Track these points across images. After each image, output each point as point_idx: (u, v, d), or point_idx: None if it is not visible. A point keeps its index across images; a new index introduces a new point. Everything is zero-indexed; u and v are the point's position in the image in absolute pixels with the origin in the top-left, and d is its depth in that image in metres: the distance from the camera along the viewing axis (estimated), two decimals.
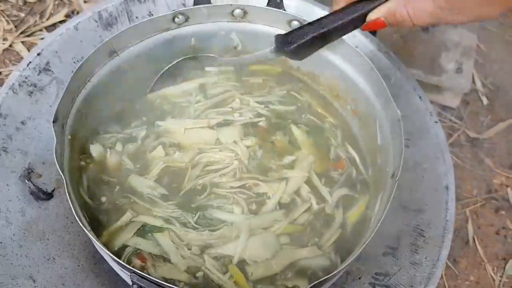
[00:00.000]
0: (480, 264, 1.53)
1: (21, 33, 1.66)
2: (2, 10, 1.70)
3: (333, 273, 0.79)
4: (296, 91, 1.13)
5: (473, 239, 1.56)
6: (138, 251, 0.91)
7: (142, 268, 0.89)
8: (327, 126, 1.09)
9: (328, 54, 1.04)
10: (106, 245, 0.90)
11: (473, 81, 1.77)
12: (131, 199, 0.96)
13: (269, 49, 0.99)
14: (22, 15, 1.70)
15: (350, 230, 0.97)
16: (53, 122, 0.85)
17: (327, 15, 0.93)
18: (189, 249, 0.91)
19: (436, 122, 1.08)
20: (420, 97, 1.11)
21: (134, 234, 0.92)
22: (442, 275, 1.50)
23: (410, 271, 0.97)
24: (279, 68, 1.14)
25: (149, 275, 0.80)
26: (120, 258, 0.84)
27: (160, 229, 0.93)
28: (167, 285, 0.77)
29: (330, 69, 1.06)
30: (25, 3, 1.72)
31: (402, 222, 1.03)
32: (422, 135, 1.09)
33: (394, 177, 0.88)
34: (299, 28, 0.96)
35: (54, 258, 0.96)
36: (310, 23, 0.94)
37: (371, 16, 0.88)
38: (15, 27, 1.67)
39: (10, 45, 1.64)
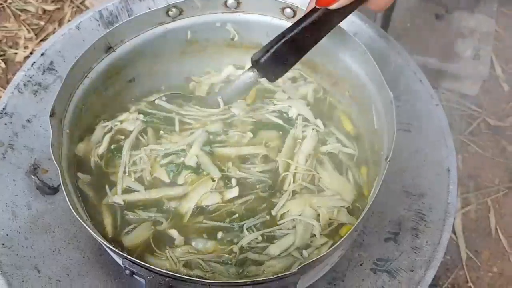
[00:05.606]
0: (503, 255, 1.48)
1: (41, 40, 1.73)
2: (23, 20, 1.77)
3: (322, 255, 0.78)
4: None
5: (496, 229, 1.51)
6: None
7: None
8: None
9: (326, 42, 1.04)
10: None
11: (493, 68, 1.72)
12: None
13: (246, 72, 0.95)
14: (42, 23, 1.77)
15: None
16: (50, 116, 0.88)
17: (299, 19, 0.88)
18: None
19: (437, 105, 1.06)
20: (421, 81, 1.09)
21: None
22: (463, 266, 1.47)
23: (411, 256, 0.95)
24: None
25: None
26: None
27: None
28: (156, 269, 0.78)
29: (330, 57, 1.05)
30: (44, 11, 1.79)
31: (404, 207, 1.01)
32: (423, 119, 1.06)
33: (387, 159, 0.86)
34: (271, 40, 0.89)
35: (59, 250, 0.99)
36: (282, 32, 0.89)
37: None
38: (35, 35, 1.74)
39: (31, 53, 1.71)
